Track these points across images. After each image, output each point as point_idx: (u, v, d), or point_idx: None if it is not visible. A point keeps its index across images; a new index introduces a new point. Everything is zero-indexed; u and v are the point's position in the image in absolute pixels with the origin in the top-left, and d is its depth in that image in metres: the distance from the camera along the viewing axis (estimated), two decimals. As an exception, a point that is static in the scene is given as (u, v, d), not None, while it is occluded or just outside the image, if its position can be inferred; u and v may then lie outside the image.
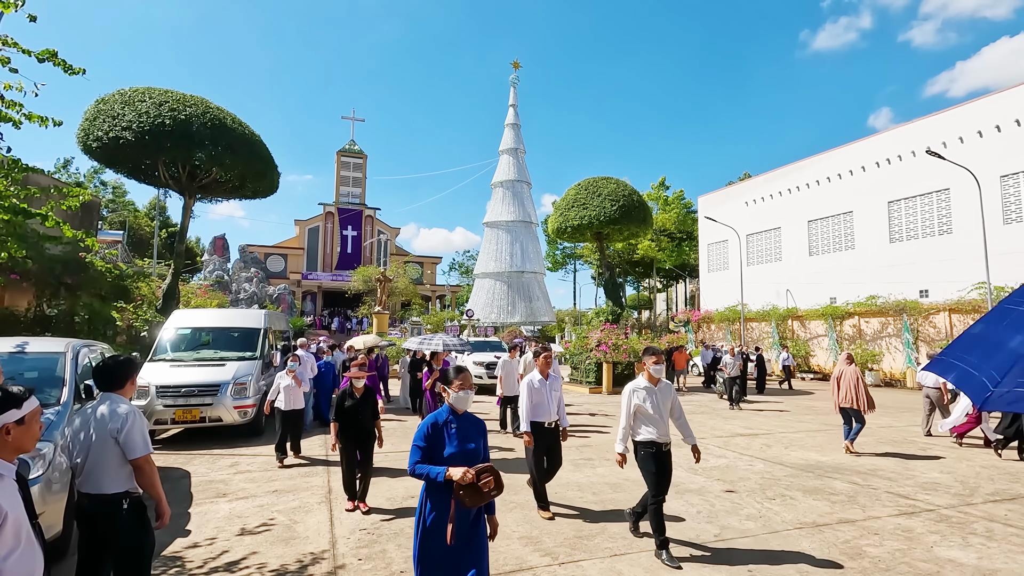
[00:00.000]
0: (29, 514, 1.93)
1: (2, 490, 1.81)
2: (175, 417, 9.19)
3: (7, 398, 1.98)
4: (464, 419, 3.23)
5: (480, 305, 41.13)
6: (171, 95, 16.49)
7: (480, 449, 3.19)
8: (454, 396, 3.20)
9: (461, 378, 3.23)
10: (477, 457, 3.13)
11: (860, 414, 8.69)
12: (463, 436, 3.15)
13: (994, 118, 20.89)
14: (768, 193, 30.98)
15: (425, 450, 3.07)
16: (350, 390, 5.99)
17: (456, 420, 3.19)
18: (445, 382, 3.27)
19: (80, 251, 13.18)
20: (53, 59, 5.45)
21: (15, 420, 1.98)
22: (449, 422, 3.17)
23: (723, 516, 5.73)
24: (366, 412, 5.94)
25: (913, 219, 23.68)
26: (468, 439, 3.15)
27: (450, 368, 3.36)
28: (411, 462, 3.07)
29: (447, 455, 3.06)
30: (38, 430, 2.10)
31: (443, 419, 3.18)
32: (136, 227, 49.72)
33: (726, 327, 30.87)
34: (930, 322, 21.54)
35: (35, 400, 2.09)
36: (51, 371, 5.36)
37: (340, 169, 49.95)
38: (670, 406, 4.85)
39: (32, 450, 2.24)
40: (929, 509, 5.99)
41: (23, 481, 2.00)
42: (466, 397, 3.21)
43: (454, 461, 3.03)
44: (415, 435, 3.12)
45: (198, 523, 5.51)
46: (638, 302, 58.03)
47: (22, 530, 1.84)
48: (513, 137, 44.16)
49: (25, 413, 2.02)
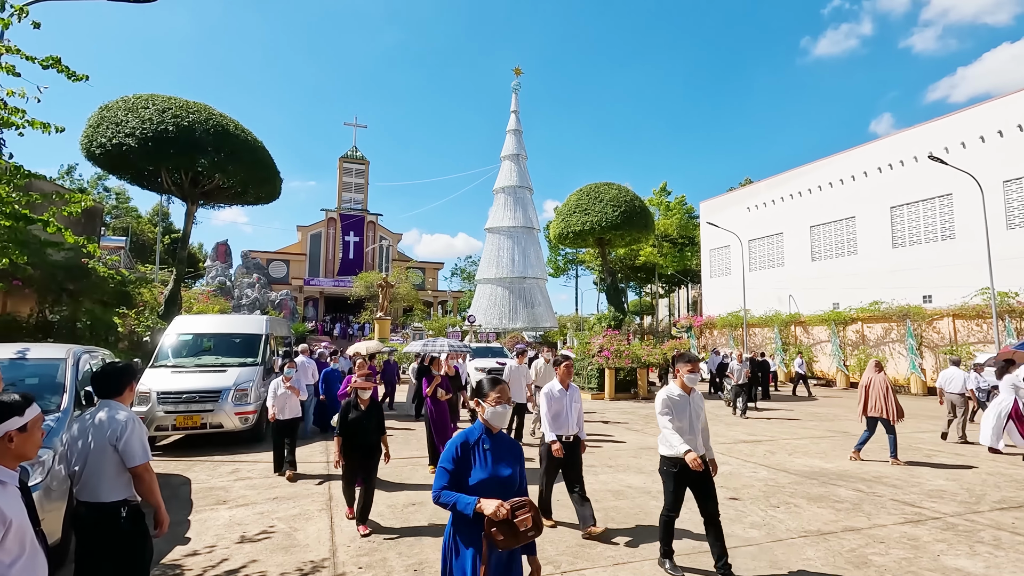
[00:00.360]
0: (32, 521, 1.93)
1: (6, 497, 1.81)
2: (176, 423, 9.17)
3: (9, 406, 1.99)
4: (499, 440, 2.81)
5: (482, 311, 41.09)
6: (174, 102, 16.57)
7: (516, 477, 2.76)
8: (490, 411, 2.79)
9: (498, 391, 2.82)
10: (513, 486, 2.71)
11: (889, 424, 8.46)
12: (497, 460, 2.72)
13: (996, 123, 20.87)
14: (770, 198, 30.97)
15: (452, 474, 2.66)
16: (355, 401, 5.63)
17: (490, 440, 2.77)
18: (479, 395, 2.86)
19: (82, 257, 13.22)
20: (57, 66, 5.48)
21: (17, 427, 1.98)
22: (481, 442, 2.75)
23: (726, 524, 5.66)
24: (371, 425, 5.56)
25: (916, 224, 23.63)
26: (503, 464, 2.72)
27: (484, 380, 2.92)
28: (436, 487, 2.66)
29: (477, 482, 2.64)
30: (40, 437, 2.10)
31: (475, 438, 2.77)
32: (139, 233, 49.87)
33: (728, 332, 30.78)
34: (934, 327, 21.44)
35: (36, 407, 2.09)
36: (52, 377, 5.35)
37: (342, 175, 50.11)
38: (703, 419, 4.52)
39: (34, 457, 2.24)
40: (935, 517, 5.93)
41: (26, 488, 1.99)
42: (504, 413, 2.79)
43: (486, 489, 2.62)
44: (442, 455, 2.73)
45: (198, 530, 5.48)
46: (640, 308, 57.95)
47: (26, 537, 1.85)
48: (515, 143, 44.26)
49: (27, 420, 2.02)
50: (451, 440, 2.77)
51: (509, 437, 2.90)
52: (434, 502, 2.65)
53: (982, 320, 19.85)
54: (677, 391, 4.47)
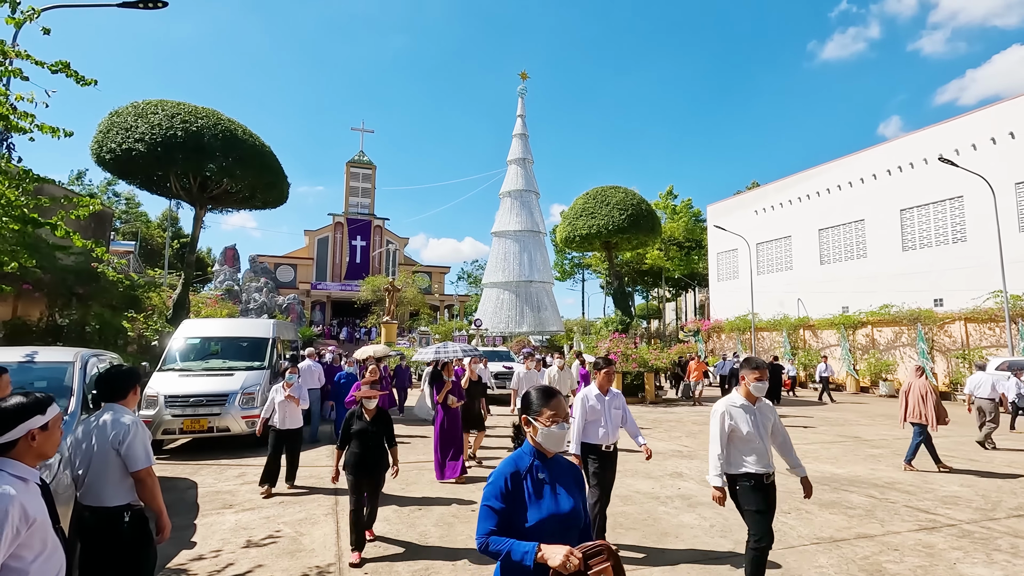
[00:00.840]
0: (52, 519, 1.96)
1: (28, 495, 1.85)
2: (183, 427, 9.19)
3: (34, 403, 2.01)
4: (556, 466, 2.25)
5: (488, 315, 41.05)
6: (183, 107, 16.69)
7: (580, 511, 2.19)
8: (544, 432, 2.20)
9: (553, 405, 2.24)
10: (577, 523, 2.17)
11: (925, 428, 8.27)
12: (556, 492, 2.16)
13: (1008, 125, 20.65)
14: (778, 202, 30.79)
15: (502, 514, 2.09)
16: (359, 411, 5.17)
17: (545, 468, 2.21)
18: (528, 410, 2.29)
19: (92, 261, 13.31)
20: (66, 70, 5.51)
21: (40, 426, 2.00)
22: (535, 470, 2.19)
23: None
24: (378, 436, 5.07)
25: (926, 227, 23.40)
26: (563, 496, 2.17)
27: (533, 392, 2.34)
28: (481, 532, 2.08)
29: (535, 522, 2.08)
30: (59, 437, 2.13)
31: (526, 465, 2.20)
32: (148, 238, 50.31)
33: (736, 336, 30.58)
34: (945, 331, 21.19)
35: (56, 407, 2.12)
36: (59, 380, 5.35)
37: (349, 180, 50.35)
38: (771, 428, 4.01)
39: (53, 456, 2.25)
40: (950, 524, 5.82)
41: (45, 486, 2.02)
42: (562, 434, 2.22)
43: (546, 530, 2.06)
44: (485, 489, 2.17)
45: (204, 535, 5.46)
46: (647, 311, 57.71)
47: (48, 535, 1.89)
48: (521, 147, 44.27)
49: (49, 419, 2.05)
50: (497, 471, 2.20)
51: (566, 460, 2.36)
52: (480, 551, 2.08)
53: (994, 324, 19.60)
54: (741, 401, 3.95)
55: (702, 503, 6.56)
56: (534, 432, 2.25)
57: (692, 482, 7.55)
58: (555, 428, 2.21)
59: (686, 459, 8.90)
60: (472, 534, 5.41)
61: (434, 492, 7.06)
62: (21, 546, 1.79)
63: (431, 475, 7.87)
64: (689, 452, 9.53)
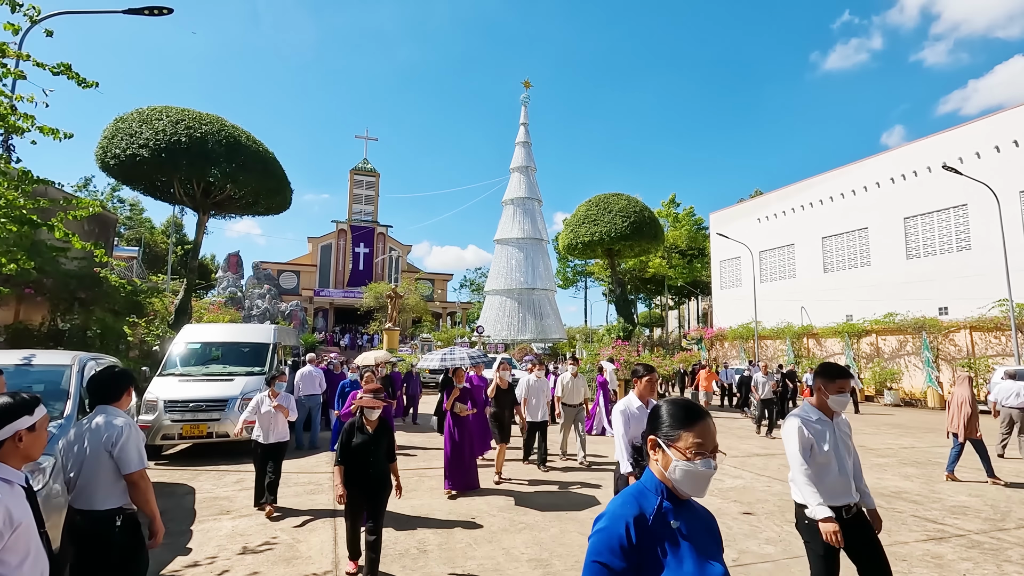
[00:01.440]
0: (37, 523, 1.93)
1: (13, 497, 1.82)
2: (182, 432, 9.12)
3: (20, 404, 1.99)
4: (691, 513, 1.67)
5: (491, 322, 40.99)
6: (187, 113, 16.78)
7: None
8: (683, 468, 1.62)
9: (700, 430, 1.64)
10: None
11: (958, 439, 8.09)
12: (697, 548, 1.58)
13: (1011, 133, 20.62)
14: (781, 210, 30.75)
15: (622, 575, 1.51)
16: (360, 423, 4.62)
17: (679, 514, 1.63)
18: (657, 429, 1.72)
19: (95, 266, 13.32)
20: (67, 72, 5.52)
21: (27, 427, 1.98)
22: (666, 516, 1.61)
23: (741, 540, 5.49)
24: (380, 451, 4.56)
25: (930, 235, 23.32)
26: (706, 555, 1.59)
27: (668, 407, 1.74)
28: None
29: None
30: (46, 438, 2.10)
31: (652, 507, 1.61)
32: (152, 244, 50.49)
33: (740, 345, 30.43)
34: (950, 340, 21.04)
35: (44, 408, 2.09)
36: (56, 384, 5.32)
37: (353, 187, 50.49)
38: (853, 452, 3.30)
39: (38, 458, 2.22)
40: (959, 534, 5.71)
41: (31, 490, 1.98)
42: (708, 474, 1.61)
43: None
44: (593, 539, 1.59)
45: (200, 541, 5.39)
46: (650, 319, 57.56)
47: (32, 538, 1.86)
48: (524, 155, 44.41)
49: (36, 420, 2.03)
50: (612, 512, 1.61)
51: (701, 507, 1.75)
52: None
53: (1000, 332, 19.45)
54: (816, 415, 3.27)
55: (705, 512, 6.45)
56: (665, 463, 1.66)
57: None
58: (700, 465, 1.60)
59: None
60: (472, 541, 5.33)
61: (435, 500, 6.97)
62: (6, 550, 1.75)
63: (431, 482, 7.78)
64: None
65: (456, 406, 7.40)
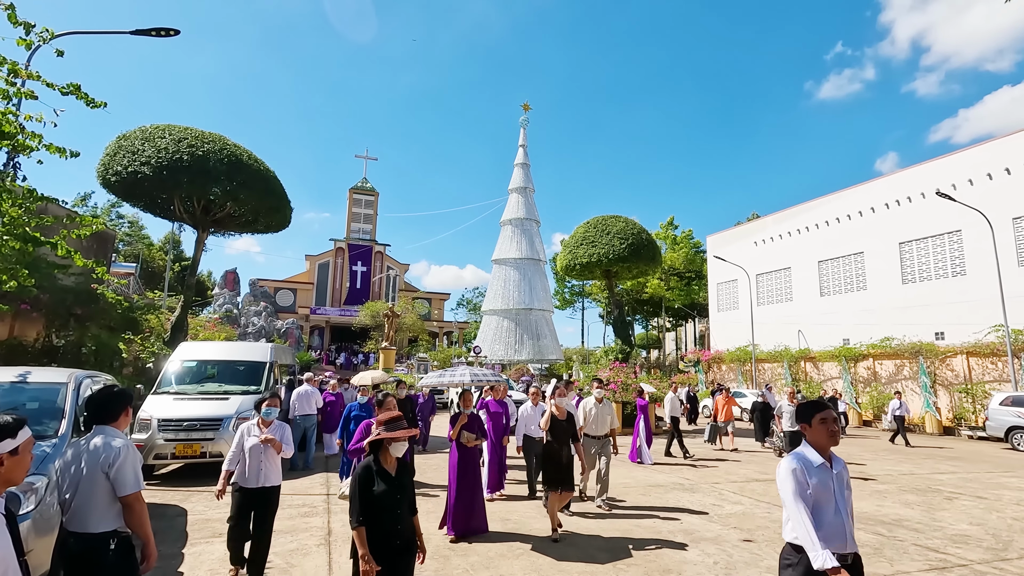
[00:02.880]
0: (16, 551, 1.85)
1: None
2: (175, 452, 9.01)
3: (2, 427, 1.93)
4: None
5: (487, 342, 40.84)
6: (190, 132, 16.92)
7: None
8: None
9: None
10: None
11: None
12: None
13: (1003, 161, 20.93)
14: (777, 233, 30.99)
15: None
16: (377, 466, 3.33)
17: None
18: None
19: (92, 282, 13.28)
20: (76, 92, 5.59)
21: (9, 451, 1.92)
22: None
23: (741, 568, 5.42)
24: (404, 503, 3.35)
25: (925, 261, 23.49)
26: None
27: None
28: None
29: None
30: (29, 462, 2.04)
31: None
32: (149, 260, 50.40)
33: (737, 367, 30.37)
34: (947, 365, 21.04)
35: (28, 430, 2.04)
36: (51, 402, 5.26)
37: (352, 206, 50.73)
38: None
39: (21, 482, 2.16)
40: (962, 564, 5.65)
41: (11, 516, 1.92)
42: None
43: None
44: None
45: (191, 564, 5.29)
46: (647, 341, 57.45)
47: (9, 569, 1.78)
48: (522, 176, 44.77)
49: (19, 443, 1.96)
50: None
51: None
52: None
53: (996, 358, 19.48)
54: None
55: (705, 539, 6.38)
56: None
57: (695, 517, 7.36)
58: None
59: (687, 492, 8.70)
60: (469, 567, 5.22)
61: (431, 524, 6.80)
62: None
63: (429, 500, 7.59)
64: (691, 485, 9.31)
65: (463, 435, 6.48)
